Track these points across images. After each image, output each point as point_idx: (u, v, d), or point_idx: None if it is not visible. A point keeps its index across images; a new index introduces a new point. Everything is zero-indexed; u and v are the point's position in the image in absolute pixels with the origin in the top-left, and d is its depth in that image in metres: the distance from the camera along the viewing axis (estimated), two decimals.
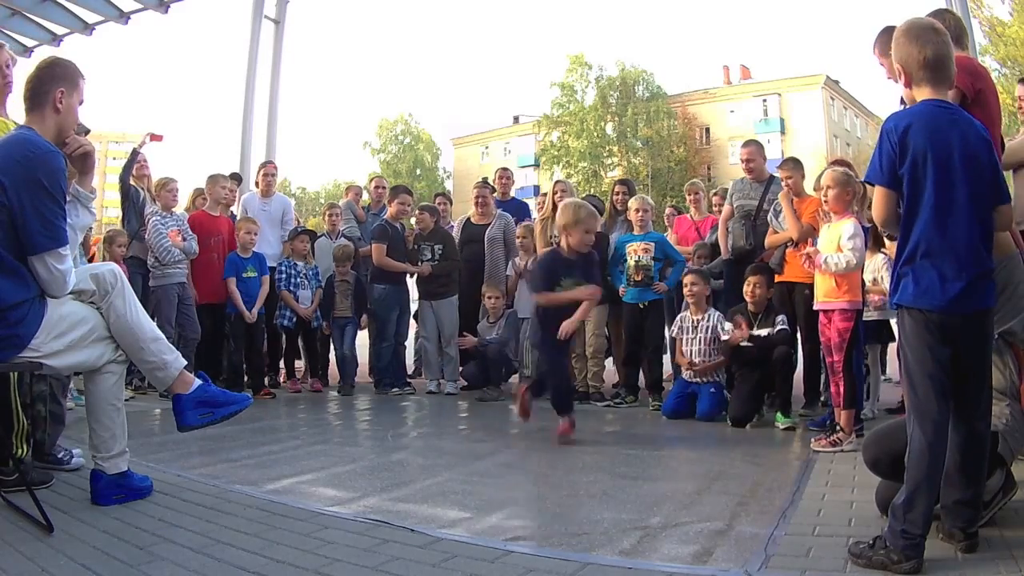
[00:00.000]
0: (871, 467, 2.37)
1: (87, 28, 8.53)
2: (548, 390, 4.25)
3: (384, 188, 7.45)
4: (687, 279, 4.99)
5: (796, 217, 4.68)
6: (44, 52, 8.19)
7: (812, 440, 3.72)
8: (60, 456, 3.03)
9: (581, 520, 2.42)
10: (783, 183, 4.90)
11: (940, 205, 1.95)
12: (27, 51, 8.64)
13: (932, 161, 1.96)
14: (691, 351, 4.87)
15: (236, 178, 7.00)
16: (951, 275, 1.95)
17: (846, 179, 3.85)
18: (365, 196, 7.74)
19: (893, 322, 4.61)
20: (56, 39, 8.74)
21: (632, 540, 2.21)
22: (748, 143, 5.75)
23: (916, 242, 1.98)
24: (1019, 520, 2.24)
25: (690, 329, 4.92)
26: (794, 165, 4.96)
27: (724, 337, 4.69)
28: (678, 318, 5.06)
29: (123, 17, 8.48)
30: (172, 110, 77.34)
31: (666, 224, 7.23)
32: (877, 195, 2.07)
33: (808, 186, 4.94)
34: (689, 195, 6.81)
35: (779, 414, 4.39)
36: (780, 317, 4.58)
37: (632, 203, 5.46)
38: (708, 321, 4.86)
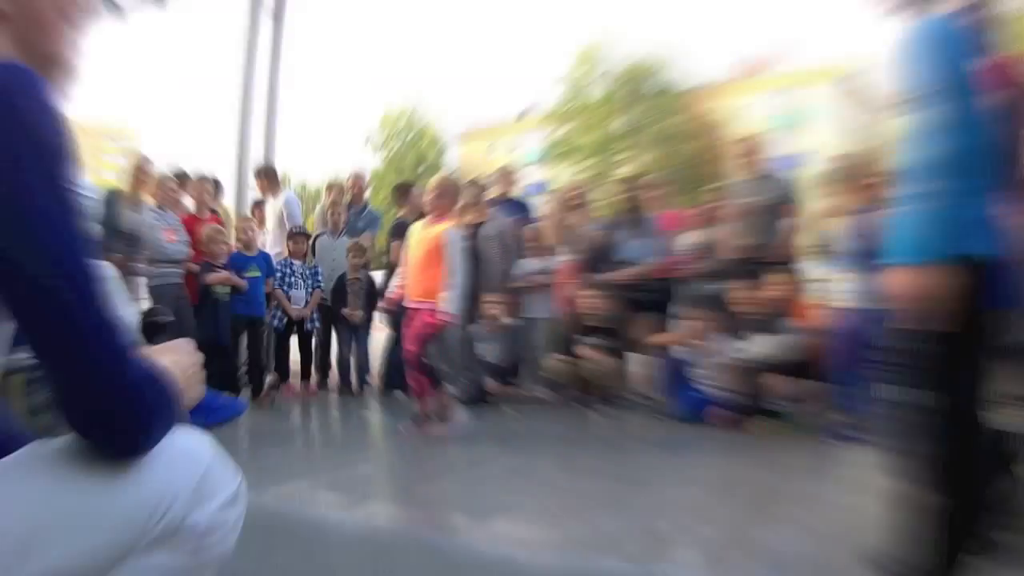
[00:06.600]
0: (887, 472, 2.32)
1: None
2: None
3: (362, 185, 7.32)
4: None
5: None
6: None
7: None
8: None
9: (587, 525, 2.38)
10: None
11: None
12: None
13: None
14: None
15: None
16: None
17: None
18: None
19: None
20: None
21: (639, 546, 2.16)
22: (743, 138, 5.76)
23: None
24: (1019, 520, 2.19)
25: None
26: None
27: None
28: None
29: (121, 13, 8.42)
30: (170, 104, 77.41)
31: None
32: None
33: None
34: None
35: None
36: None
37: None
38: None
